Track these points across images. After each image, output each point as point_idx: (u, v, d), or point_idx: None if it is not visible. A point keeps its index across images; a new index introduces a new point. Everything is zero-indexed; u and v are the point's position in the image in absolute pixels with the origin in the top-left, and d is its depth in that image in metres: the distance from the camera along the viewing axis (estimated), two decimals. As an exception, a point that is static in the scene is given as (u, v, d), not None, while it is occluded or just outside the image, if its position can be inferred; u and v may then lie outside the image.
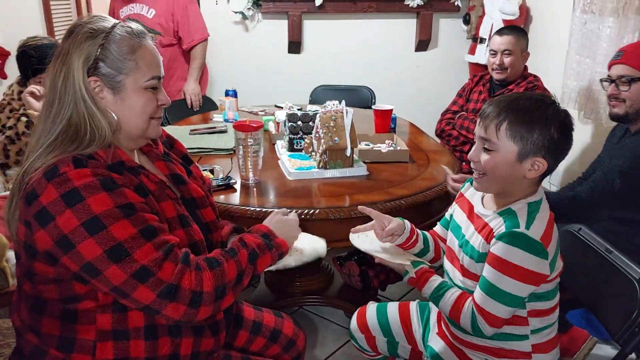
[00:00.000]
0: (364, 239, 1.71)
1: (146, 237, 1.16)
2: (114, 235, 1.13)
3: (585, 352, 1.90)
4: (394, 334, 1.79)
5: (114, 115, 1.26)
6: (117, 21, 1.29)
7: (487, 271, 1.40)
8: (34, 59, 2.41)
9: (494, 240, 1.39)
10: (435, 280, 1.54)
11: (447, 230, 1.68)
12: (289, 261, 1.55)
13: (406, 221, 1.71)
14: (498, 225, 1.42)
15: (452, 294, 1.49)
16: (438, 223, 1.79)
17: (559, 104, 1.41)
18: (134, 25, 1.30)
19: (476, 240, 1.47)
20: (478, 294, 1.42)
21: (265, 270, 1.40)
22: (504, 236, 1.37)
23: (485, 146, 1.42)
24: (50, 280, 1.20)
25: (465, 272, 1.52)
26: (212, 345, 1.37)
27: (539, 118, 1.36)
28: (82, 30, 1.24)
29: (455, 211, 1.66)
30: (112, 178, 1.18)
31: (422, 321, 1.77)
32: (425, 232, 1.77)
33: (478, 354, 1.55)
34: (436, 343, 1.66)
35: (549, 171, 1.42)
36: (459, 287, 1.54)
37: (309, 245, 1.65)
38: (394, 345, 1.80)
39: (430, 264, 1.65)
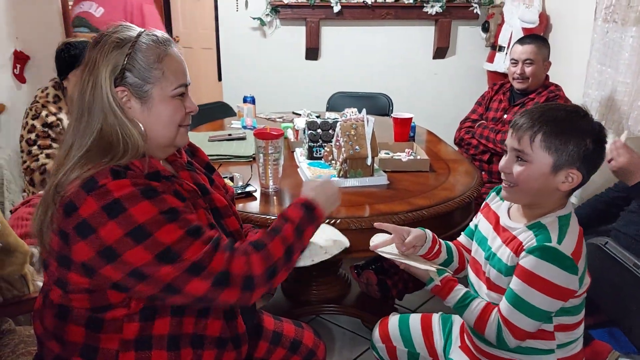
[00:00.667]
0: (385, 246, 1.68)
1: (193, 236, 1.17)
2: (161, 240, 1.13)
3: (607, 366, 1.87)
4: (415, 345, 1.77)
5: (141, 125, 1.26)
6: (142, 30, 1.29)
7: (515, 284, 1.38)
8: (77, 50, 2.43)
9: (523, 253, 1.37)
10: (460, 289, 1.52)
11: (472, 240, 1.66)
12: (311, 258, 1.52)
13: (427, 231, 1.69)
14: (528, 238, 1.40)
15: (478, 304, 1.48)
16: (462, 233, 1.77)
17: (591, 115, 1.40)
18: (159, 34, 1.30)
19: (504, 253, 1.45)
20: (504, 305, 1.41)
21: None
22: (535, 250, 1.35)
23: (519, 156, 1.41)
24: (83, 290, 1.19)
25: (491, 285, 1.50)
26: (234, 358, 1.36)
27: (573, 129, 1.35)
28: (109, 40, 1.24)
29: (480, 222, 1.65)
30: (151, 186, 1.18)
31: (444, 333, 1.75)
32: (449, 242, 1.75)
33: None
34: (458, 356, 1.64)
35: (582, 183, 1.40)
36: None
37: (331, 238, 1.63)
38: (414, 357, 1.78)
39: (454, 275, 1.63)
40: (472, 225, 1.72)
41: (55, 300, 1.24)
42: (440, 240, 1.72)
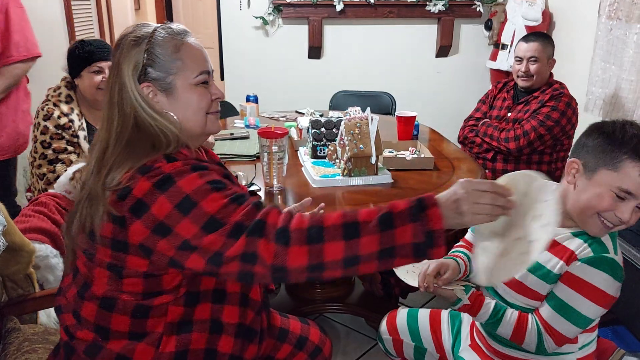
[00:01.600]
0: (412, 273, 1.64)
1: (237, 202, 1.16)
2: (207, 209, 1.13)
3: (612, 364, 1.87)
4: (423, 340, 1.78)
5: (173, 115, 1.29)
6: (158, 25, 1.32)
7: (563, 291, 1.37)
8: (92, 46, 2.42)
9: (579, 263, 1.35)
10: (489, 303, 1.49)
11: None
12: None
13: (459, 261, 1.64)
14: (581, 248, 1.38)
15: (511, 316, 1.45)
16: (469, 230, 1.76)
17: None
18: (175, 25, 1.33)
19: (549, 261, 1.42)
20: (548, 312, 1.39)
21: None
22: (595, 260, 1.34)
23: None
24: (140, 273, 1.21)
25: (524, 290, 1.47)
26: (255, 352, 1.39)
27: None
28: (127, 40, 1.28)
29: None
30: (202, 164, 1.22)
31: (452, 331, 1.75)
32: (467, 251, 1.74)
33: None
34: (469, 355, 1.64)
35: None
36: (510, 304, 1.51)
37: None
38: (421, 352, 1.79)
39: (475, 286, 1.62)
40: None
41: (98, 293, 1.25)
42: (465, 256, 1.71)
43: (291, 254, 1.07)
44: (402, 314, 1.84)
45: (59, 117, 2.42)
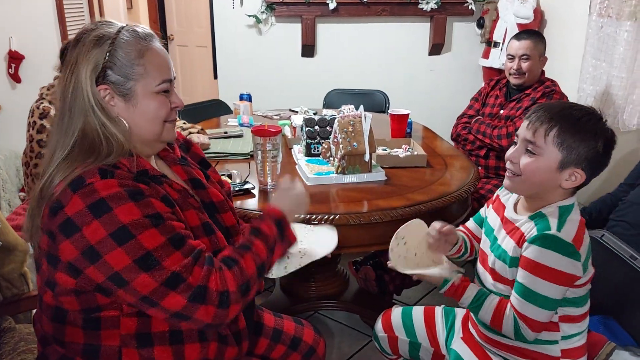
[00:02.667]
0: (399, 254, 1.63)
1: (175, 246, 1.15)
2: (144, 244, 1.11)
3: (603, 358, 1.88)
4: (417, 336, 1.80)
5: (125, 122, 1.24)
6: (123, 25, 1.25)
7: (522, 276, 1.40)
8: None
9: (526, 244, 1.39)
10: (473, 288, 1.53)
11: (481, 228, 1.69)
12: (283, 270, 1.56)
13: (459, 233, 1.70)
14: (529, 228, 1.42)
15: (491, 301, 1.49)
16: (471, 219, 1.79)
17: (606, 120, 1.42)
18: (140, 29, 1.27)
19: (508, 244, 1.47)
20: (516, 300, 1.42)
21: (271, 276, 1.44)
22: (536, 239, 1.37)
23: (529, 148, 1.42)
24: (70, 291, 1.18)
25: (495, 276, 1.52)
26: (235, 353, 1.36)
27: (588, 130, 1.37)
28: (88, 38, 1.21)
29: (489, 213, 1.66)
30: (139, 189, 1.16)
31: (446, 325, 1.78)
32: (462, 234, 1.76)
33: (506, 355, 1.55)
34: (460, 347, 1.66)
35: (584, 184, 1.42)
36: (490, 291, 1.54)
37: (314, 244, 1.64)
38: (415, 347, 1.81)
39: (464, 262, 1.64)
40: (482, 212, 1.74)
41: (50, 303, 1.22)
42: (461, 236, 1.74)
43: (232, 311, 1.19)
44: (396, 312, 1.86)
45: (55, 115, 2.41)
